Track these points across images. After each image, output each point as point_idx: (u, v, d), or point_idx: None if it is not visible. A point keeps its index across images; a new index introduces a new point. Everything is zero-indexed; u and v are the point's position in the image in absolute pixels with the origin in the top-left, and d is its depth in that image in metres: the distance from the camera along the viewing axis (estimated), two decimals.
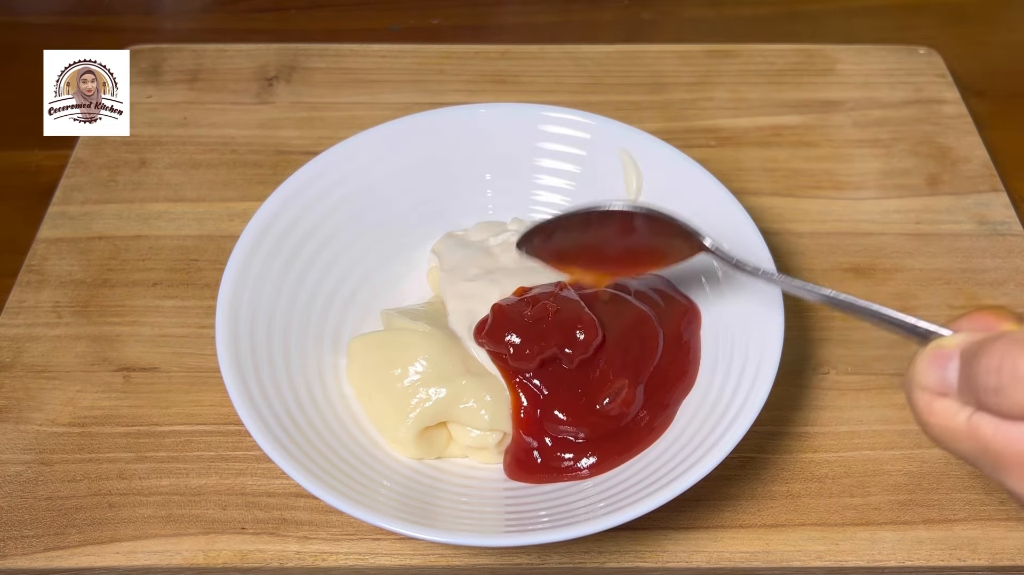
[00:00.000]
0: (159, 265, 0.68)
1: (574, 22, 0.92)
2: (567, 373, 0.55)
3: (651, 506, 0.48)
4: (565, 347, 0.54)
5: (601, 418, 0.54)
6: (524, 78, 0.82)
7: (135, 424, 0.59)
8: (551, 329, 0.55)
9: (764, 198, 0.72)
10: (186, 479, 0.57)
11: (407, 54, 0.83)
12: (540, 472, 0.55)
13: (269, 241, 0.59)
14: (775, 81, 0.82)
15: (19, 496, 0.56)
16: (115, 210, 0.71)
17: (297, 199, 0.61)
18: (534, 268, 0.59)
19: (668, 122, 0.77)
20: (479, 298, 0.58)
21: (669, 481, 0.48)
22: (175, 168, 0.74)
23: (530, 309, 0.55)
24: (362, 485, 0.51)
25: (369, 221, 0.63)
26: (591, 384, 0.55)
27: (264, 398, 0.53)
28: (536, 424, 0.55)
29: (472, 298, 0.58)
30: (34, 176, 0.75)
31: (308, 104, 0.79)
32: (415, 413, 0.54)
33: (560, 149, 0.66)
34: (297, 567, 0.54)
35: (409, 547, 0.54)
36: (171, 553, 0.54)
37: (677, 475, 0.48)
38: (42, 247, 0.69)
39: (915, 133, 0.78)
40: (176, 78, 0.81)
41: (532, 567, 0.54)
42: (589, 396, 0.54)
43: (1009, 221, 0.71)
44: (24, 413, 0.60)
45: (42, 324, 0.64)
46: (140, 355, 0.63)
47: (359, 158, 0.64)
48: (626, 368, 0.55)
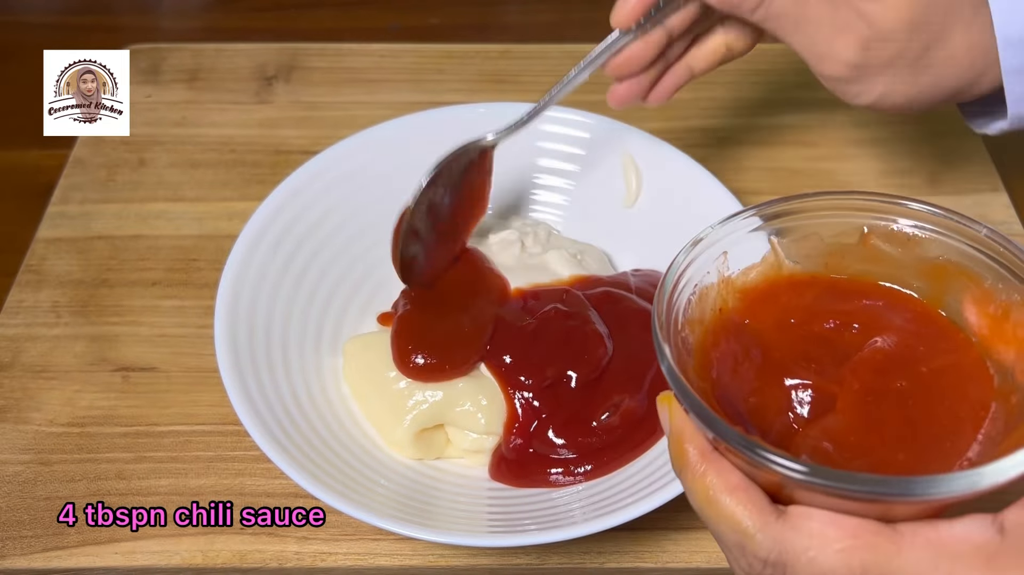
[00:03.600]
0: (158, 265, 0.67)
1: (574, 22, 0.92)
2: (568, 391, 0.54)
3: (650, 506, 0.48)
4: (569, 369, 0.54)
5: (597, 433, 0.53)
6: (524, 78, 0.81)
7: (134, 424, 0.59)
8: (555, 348, 0.54)
9: (764, 198, 0.71)
10: (185, 479, 0.57)
11: (407, 53, 0.83)
12: (527, 478, 0.54)
13: (268, 241, 0.59)
14: (775, 81, 0.81)
15: (18, 496, 0.56)
16: (114, 210, 0.71)
17: (296, 199, 0.61)
18: (534, 267, 0.59)
19: (668, 122, 0.77)
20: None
21: (668, 481, 0.48)
22: (174, 168, 0.74)
23: (533, 321, 0.55)
24: (361, 485, 0.51)
25: (368, 221, 0.63)
26: (592, 400, 0.54)
27: (263, 398, 0.52)
28: (528, 436, 0.54)
29: None
30: (33, 175, 0.75)
31: (307, 103, 0.79)
32: (411, 415, 0.54)
33: (560, 149, 0.66)
34: (296, 567, 0.54)
35: (408, 547, 0.54)
36: (170, 553, 0.54)
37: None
38: (41, 247, 0.68)
39: (916, 132, 0.77)
40: (175, 77, 0.81)
41: (532, 567, 0.54)
42: (588, 412, 0.54)
43: (1009, 221, 0.71)
44: (23, 413, 0.60)
45: (41, 324, 0.64)
46: (139, 355, 0.63)
47: (358, 158, 0.64)
48: (630, 380, 0.54)
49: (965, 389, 0.36)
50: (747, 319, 0.38)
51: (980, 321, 0.37)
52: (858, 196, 0.39)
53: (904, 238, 0.39)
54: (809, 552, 0.30)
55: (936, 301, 0.38)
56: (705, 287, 0.38)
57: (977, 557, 0.29)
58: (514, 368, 0.54)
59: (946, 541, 0.30)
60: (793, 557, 0.31)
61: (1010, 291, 0.36)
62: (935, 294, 0.38)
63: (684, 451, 0.34)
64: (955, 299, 0.38)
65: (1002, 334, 0.36)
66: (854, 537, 0.30)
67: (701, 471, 0.33)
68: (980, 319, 0.37)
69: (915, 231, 0.38)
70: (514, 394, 0.54)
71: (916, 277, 0.39)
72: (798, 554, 0.31)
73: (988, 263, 0.37)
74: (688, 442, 0.34)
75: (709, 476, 0.33)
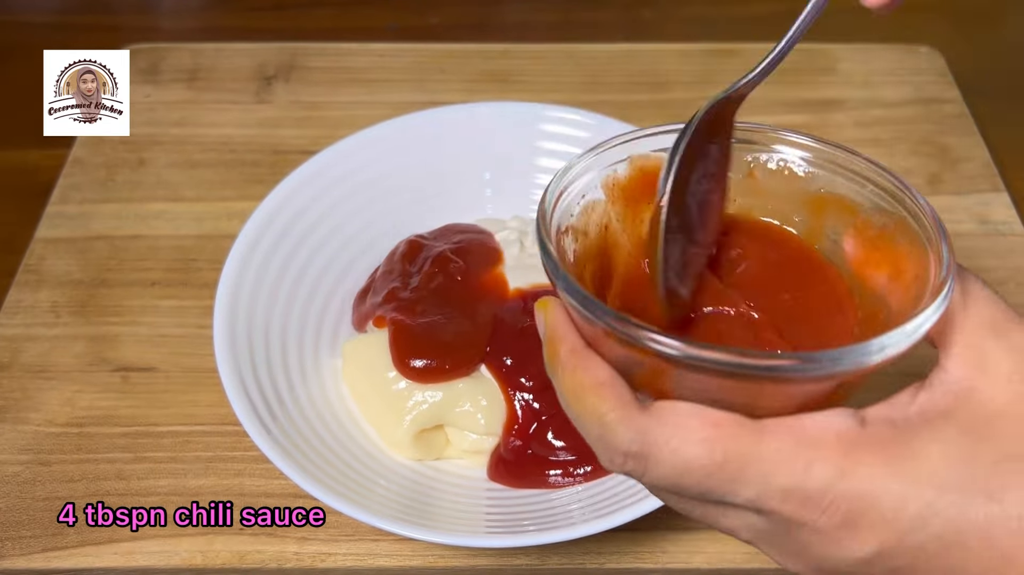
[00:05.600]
0: (157, 265, 0.67)
1: (574, 21, 0.92)
2: None
3: (650, 506, 0.48)
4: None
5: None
6: (524, 77, 0.81)
7: (133, 424, 0.59)
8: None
9: None
10: (184, 479, 0.57)
11: (406, 53, 0.83)
12: (525, 479, 0.54)
13: (267, 241, 0.59)
14: (775, 81, 0.81)
15: (17, 496, 0.56)
16: (113, 210, 0.71)
17: (295, 199, 0.61)
18: (534, 266, 0.59)
19: (668, 121, 0.77)
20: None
21: None
22: (173, 167, 0.74)
23: (532, 321, 0.55)
24: (360, 486, 0.51)
25: (367, 220, 0.63)
26: None
27: (262, 398, 0.52)
28: (527, 438, 0.54)
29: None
30: (32, 175, 0.75)
31: (307, 103, 0.79)
32: (411, 416, 0.54)
33: (560, 148, 0.66)
34: (296, 568, 0.54)
35: (408, 548, 0.54)
36: (169, 554, 0.54)
37: None
38: (40, 247, 0.68)
39: (916, 132, 0.77)
40: (174, 77, 0.81)
41: (532, 568, 0.54)
42: None
43: (1010, 221, 0.71)
44: (22, 413, 0.60)
45: (40, 324, 0.64)
46: (138, 355, 0.62)
47: (358, 157, 0.64)
48: None
49: (832, 315, 0.36)
50: (627, 235, 0.38)
51: (855, 250, 0.37)
52: (743, 129, 0.40)
53: (787, 172, 0.39)
54: (671, 442, 0.30)
55: (816, 234, 0.39)
56: (592, 201, 0.38)
57: (837, 445, 0.30)
58: (515, 369, 0.54)
59: (808, 429, 0.30)
60: (656, 448, 0.31)
61: (885, 219, 0.36)
62: (815, 227, 0.39)
63: (556, 351, 0.34)
64: (833, 231, 0.38)
65: (875, 260, 0.37)
66: (716, 426, 0.30)
67: (571, 368, 0.33)
68: (856, 248, 0.37)
69: (797, 165, 0.39)
70: (514, 395, 0.54)
71: (797, 210, 0.39)
72: (660, 445, 0.31)
73: (866, 193, 0.37)
74: (561, 341, 0.34)
75: (578, 373, 0.33)
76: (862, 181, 0.37)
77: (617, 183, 0.39)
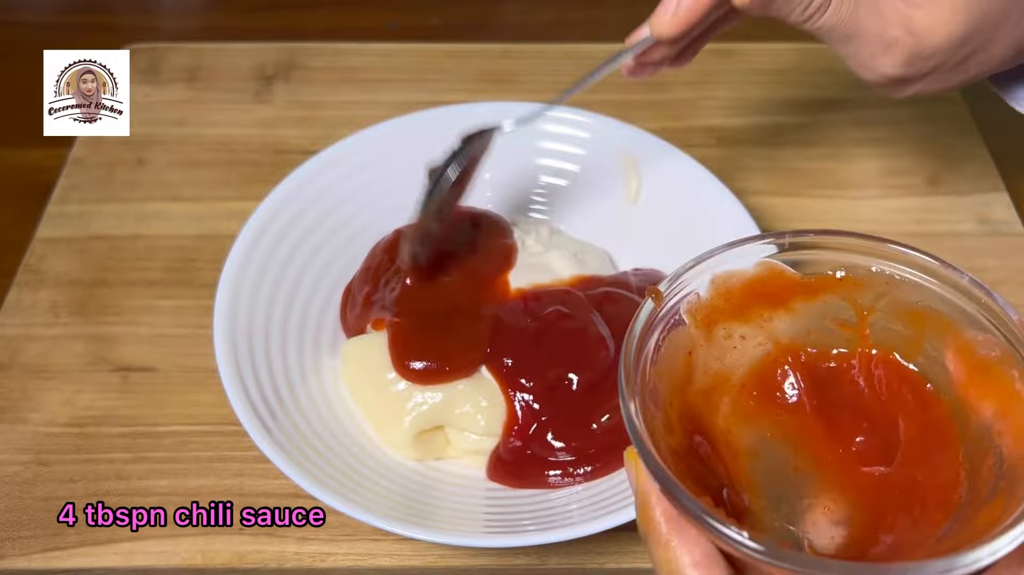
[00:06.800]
0: (157, 265, 0.67)
1: (574, 21, 0.92)
2: (570, 393, 0.54)
3: None
4: (571, 372, 0.53)
5: (597, 435, 0.53)
6: (524, 77, 0.81)
7: (133, 424, 0.59)
8: (556, 350, 0.54)
9: (764, 198, 0.72)
10: (184, 479, 0.57)
11: (406, 53, 0.83)
12: (524, 479, 0.54)
13: (267, 241, 0.59)
14: (775, 81, 0.81)
15: (16, 497, 0.56)
16: (113, 209, 0.71)
17: (295, 199, 0.61)
18: (534, 266, 0.59)
19: (668, 122, 0.77)
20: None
21: None
22: (173, 167, 0.74)
23: (533, 321, 0.54)
24: (360, 486, 0.51)
25: (367, 220, 0.63)
26: (592, 402, 0.53)
27: (262, 398, 0.52)
28: (526, 439, 0.54)
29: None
30: (32, 175, 0.75)
31: (306, 103, 0.79)
32: (411, 417, 0.54)
33: (560, 149, 0.66)
34: (296, 568, 0.54)
35: (408, 547, 0.54)
36: (169, 554, 0.54)
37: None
38: (40, 246, 0.68)
39: (916, 132, 0.77)
40: (174, 77, 0.81)
41: (532, 568, 0.54)
42: (588, 414, 0.53)
43: (1010, 220, 0.71)
44: (21, 413, 0.60)
45: (39, 324, 0.64)
46: (138, 355, 0.62)
47: (358, 157, 0.64)
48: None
49: (935, 460, 0.35)
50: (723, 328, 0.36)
51: (959, 370, 0.36)
52: (841, 236, 0.38)
53: (883, 281, 0.37)
54: None
55: (916, 347, 0.37)
56: (675, 331, 0.36)
57: None
58: (515, 370, 0.54)
59: None
60: None
61: (990, 344, 0.35)
62: (915, 340, 0.37)
63: (650, 517, 0.33)
64: (933, 347, 0.37)
65: (982, 387, 0.35)
66: None
67: (665, 540, 0.32)
68: (959, 368, 0.36)
69: (895, 272, 0.38)
70: (515, 396, 0.54)
71: (894, 321, 0.38)
72: None
73: (969, 312, 0.36)
74: (655, 507, 0.33)
75: (673, 547, 0.32)
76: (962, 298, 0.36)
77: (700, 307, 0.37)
